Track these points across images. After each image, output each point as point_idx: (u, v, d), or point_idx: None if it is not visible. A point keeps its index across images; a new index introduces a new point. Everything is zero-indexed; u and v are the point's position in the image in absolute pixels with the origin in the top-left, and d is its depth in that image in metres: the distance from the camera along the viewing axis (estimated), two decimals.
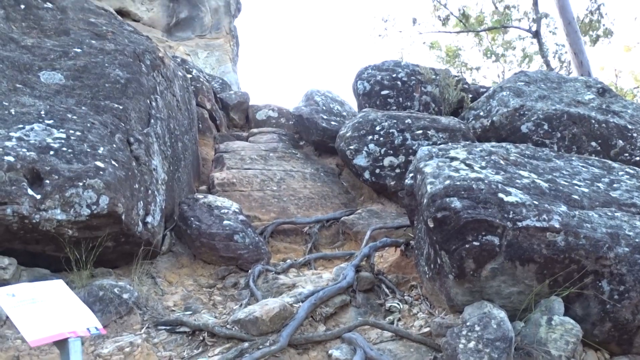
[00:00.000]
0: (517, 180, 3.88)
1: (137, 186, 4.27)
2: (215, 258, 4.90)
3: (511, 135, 6.51)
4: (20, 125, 4.02)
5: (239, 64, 17.40)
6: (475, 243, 3.43)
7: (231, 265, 4.87)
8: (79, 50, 5.09)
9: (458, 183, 3.70)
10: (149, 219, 4.39)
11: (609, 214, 3.73)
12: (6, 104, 4.21)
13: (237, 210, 5.37)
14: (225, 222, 5.06)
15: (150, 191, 4.50)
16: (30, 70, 4.67)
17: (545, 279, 3.45)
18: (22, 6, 5.25)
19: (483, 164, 4.12)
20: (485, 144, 4.83)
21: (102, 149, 4.13)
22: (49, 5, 5.50)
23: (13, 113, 4.14)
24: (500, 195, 3.59)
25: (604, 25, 17.75)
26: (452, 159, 4.20)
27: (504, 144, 4.83)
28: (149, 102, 5.08)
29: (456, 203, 3.54)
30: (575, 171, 4.38)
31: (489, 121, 6.81)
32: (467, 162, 4.11)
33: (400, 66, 8.42)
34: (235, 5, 17.02)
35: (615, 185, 4.21)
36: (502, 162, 4.22)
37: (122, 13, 14.14)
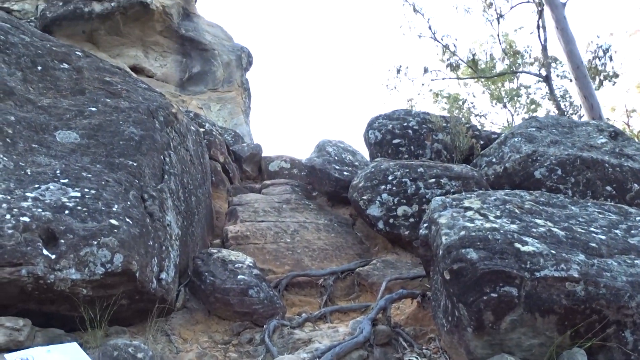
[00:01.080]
0: (533, 229, 3.84)
1: (151, 243, 4.28)
2: (230, 313, 4.85)
3: (525, 181, 6.49)
4: (36, 185, 4.06)
5: (251, 115, 17.64)
6: (493, 294, 3.37)
7: (246, 321, 4.81)
8: (94, 109, 5.19)
9: (473, 234, 3.67)
10: (163, 275, 4.37)
11: (629, 261, 3.66)
12: (22, 164, 4.27)
13: (251, 264, 5.34)
14: (239, 276, 5.03)
15: (164, 247, 4.49)
16: (46, 130, 4.75)
17: (566, 330, 3.37)
18: (39, 68, 5.38)
19: (498, 213, 4.10)
20: (499, 192, 4.80)
21: (116, 206, 4.15)
22: (66, 65, 5.64)
23: (29, 173, 4.19)
24: (517, 245, 3.55)
25: (612, 68, 17.89)
26: (467, 208, 4.18)
27: (517, 192, 4.80)
28: (162, 157, 5.13)
29: (472, 254, 3.51)
30: (592, 218, 4.33)
31: (502, 167, 6.80)
32: (482, 211, 4.09)
33: (411, 115, 8.48)
34: (246, 59, 17.37)
35: (633, 231, 4.15)
36: (517, 210, 4.19)
37: (137, 69, 14.51)
